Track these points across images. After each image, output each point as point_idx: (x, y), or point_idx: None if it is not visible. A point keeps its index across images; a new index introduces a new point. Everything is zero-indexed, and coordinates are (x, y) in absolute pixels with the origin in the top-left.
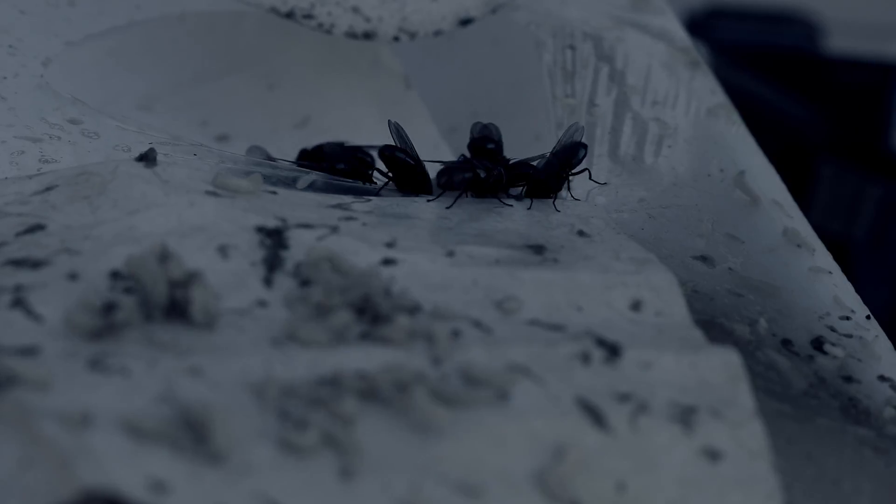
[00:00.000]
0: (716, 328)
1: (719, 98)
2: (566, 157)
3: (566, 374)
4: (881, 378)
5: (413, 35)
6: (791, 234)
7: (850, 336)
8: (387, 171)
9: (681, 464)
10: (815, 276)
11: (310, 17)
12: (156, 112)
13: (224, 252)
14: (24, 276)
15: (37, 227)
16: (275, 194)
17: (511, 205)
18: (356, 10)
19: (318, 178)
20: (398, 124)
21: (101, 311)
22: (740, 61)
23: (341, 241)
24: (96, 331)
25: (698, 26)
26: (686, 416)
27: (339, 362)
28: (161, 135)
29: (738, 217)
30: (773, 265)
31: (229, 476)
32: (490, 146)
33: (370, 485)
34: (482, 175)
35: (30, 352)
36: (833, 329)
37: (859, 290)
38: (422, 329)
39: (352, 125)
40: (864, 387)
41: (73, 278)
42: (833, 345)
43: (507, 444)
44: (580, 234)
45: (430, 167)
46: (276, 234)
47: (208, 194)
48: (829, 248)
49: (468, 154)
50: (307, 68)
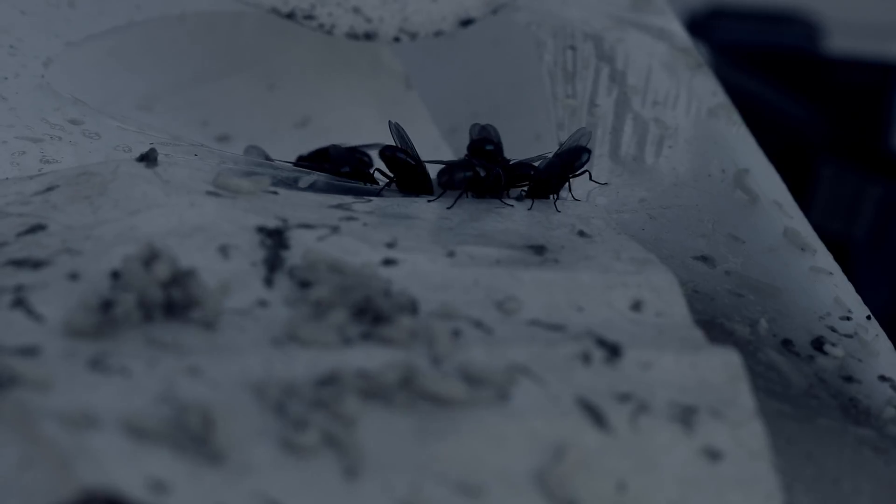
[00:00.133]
0: (716, 328)
1: (720, 98)
2: (569, 159)
3: (566, 374)
4: (881, 378)
5: (414, 36)
6: (791, 234)
7: (850, 336)
8: (388, 171)
9: (681, 464)
10: (816, 277)
11: (311, 17)
12: (156, 112)
13: (225, 252)
14: (25, 277)
15: (38, 228)
16: (275, 194)
17: (512, 205)
18: (357, 10)
19: (319, 178)
20: (398, 125)
21: (99, 308)
22: (740, 61)
23: (342, 242)
24: (95, 328)
25: (699, 26)
26: (686, 416)
27: (340, 362)
28: (161, 135)
29: (738, 217)
30: (773, 265)
31: (229, 476)
32: (489, 147)
33: (370, 484)
34: (482, 174)
35: (30, 352)
36: (833, 329)
37: (859, 290)
38: (422, 329)
39: (352, 125)
40: (865, 387)
41: (74, 278)
42: (833, 345)
43: (507, 443)
44: (581, 234)
45: (430, 168)
46: (276, 235)
47: (209, 194)
48: (829, 248)
49: (468, 155)
50: (308, 69)
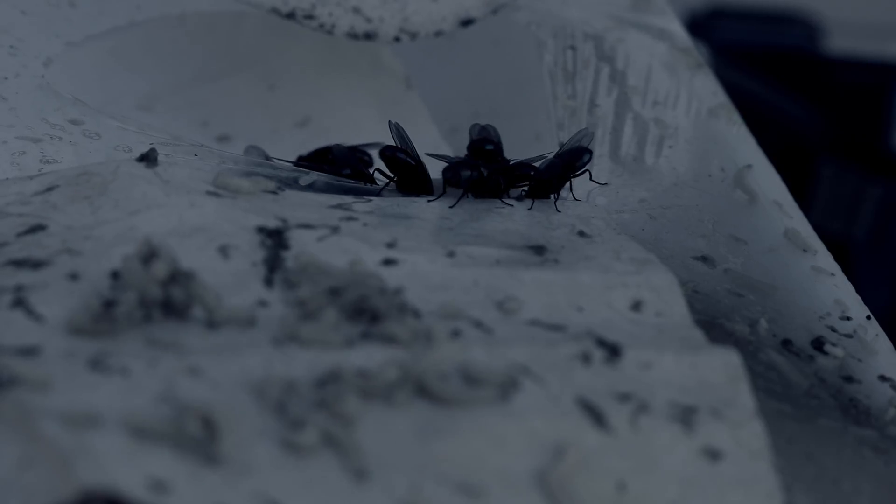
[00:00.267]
0: (716, 328)
1: (720, 98)
2: (570, 159)
3: (566, 374)
4: (881, 378)
5: (414, 36)
6: (792, 234)
7: (850, 336)
8: (388, 171)
9: (681, 464)
10: (816, 277)
11: (311, 17)
12: (156, 112)
13: (225, 252)
14: (25, 277)
15: (38, 228)
16: (275, 195)
17: (512, 205)
18: (357, 10)
19: (319, 178)
20: (399, 125)
21: (101, 307)
22: (740, 61)
23: (342, 242)
24: (98, 327)
25: (699, 26)
26: (686, 416)
27: (340, 362)
28: (162, 135)
29: (738, 217)
30: (773, 265)
31: (229, 476)
32: (489, 147)
33: (371, 485)
34: (485, 174)
35: (30, 352)
36: (833, 329)
37: (859, 290)
38: (422, 329)
39: (352, 125)
40: (865, 387)
41: (74, 278)
42: (833, 345)
43: (507, 444)
44: (581, 234)
45: (432, 164)
46: (276, 235)
47: (209, 195)
48: (829, 248)
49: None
50: (308, 69)
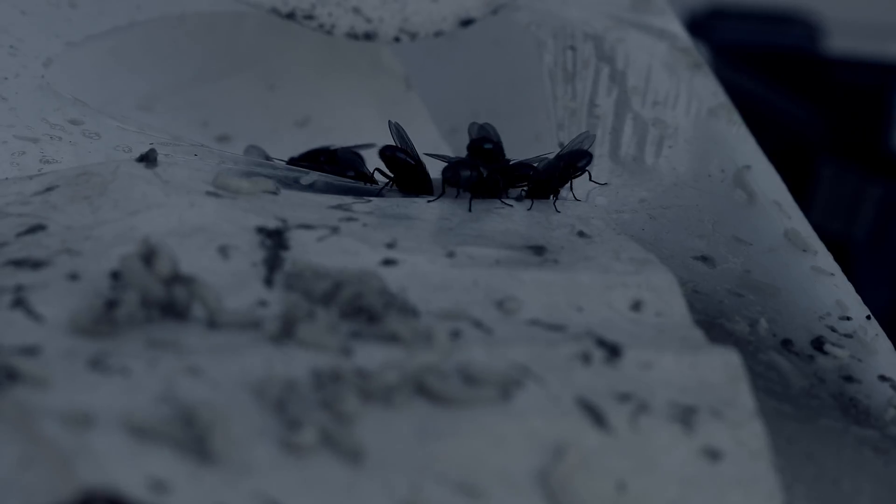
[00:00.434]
0: (716, 328)
1: (720, 98)
2: (570, 160)
3: (566, 374)
4: (881, 378)
5: (414, 36)
6: (792, 234)
7: (850, 336)
8: (388, 171)
9: (681, 464)
10: (816, 277)
11: (311, 17)
12: (156, 112)
13: (225, 252)
14: (25, 277)
15: (37, 228)
16: (275, 195)
17: (511, 205)
18: (357, 10)
19: (319, 178)
20: (398, 125)
21: (103, 307)
22: (740, 61)
23: (342, 242)
24: (101, 327)
25: (699, 26)
26: (686, 416)
27: (340, 362)
28: (161, 135)
29: (738, 217)
30: (773, 265)
31: (229, 476)
32: (488, 146)
33: (370, 484)
34: (485, 175)
35: (30, 351)
36: (833, 329)
37: (859, 290)
38: (422, 329)
39: (352, 126)
40: (865, 387)
41: (74, 279)
42: (833, 345)
43: (507, 444)
44: (580, 234)
45: (431, 163)
46: (276, 235)
47: (209, 195)
48: (829, 248)
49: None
50: (308, 69)
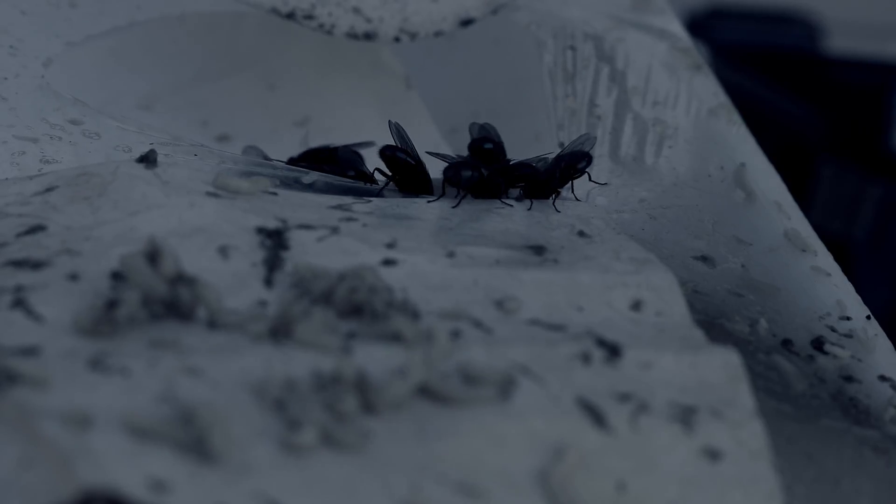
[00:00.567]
0: (716, 328)
1: (720, 98)
2: (570, 161)
3: (566, 373)
4: (881, 378)
5: (414, 36)
6: (791, 234)
7: (850, 336)
8: (388, 171)
9: (681, 463)
10: (816, 277)
11: (310, 17)
12: (156, 112)
13: (224, 253)
14: (25, 277)
15: (37, 228)
16: (275, 195)
17: (511, 205)
18: (357, 10)
19: (319, 178)
20: (399, 125)
21: (105, 307)
22: (740, 61)
23: (342, 242)
24: (103, 327)
25: (699, 26)
26: (686, 416)
27: (340, 362)
28: (161, 135)
29: (738, 217)
30: (773, 265)
31: (229, 476)
32: (488, 146)
33: (370, 484)
34: (486, 175)
35: (30, 352)
36: (833, 329)
37: (859, 290)
38: (422, 329)
39: (352, 125)
40: (865, 387)
41: (74, 279)
42: (833, 345)
43: (507, 444)
44: (580, 234)
45: (432, 163)
46: (276, 235)
47: (209, 195)
48: (829, 248)
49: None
50: (308, 69)
